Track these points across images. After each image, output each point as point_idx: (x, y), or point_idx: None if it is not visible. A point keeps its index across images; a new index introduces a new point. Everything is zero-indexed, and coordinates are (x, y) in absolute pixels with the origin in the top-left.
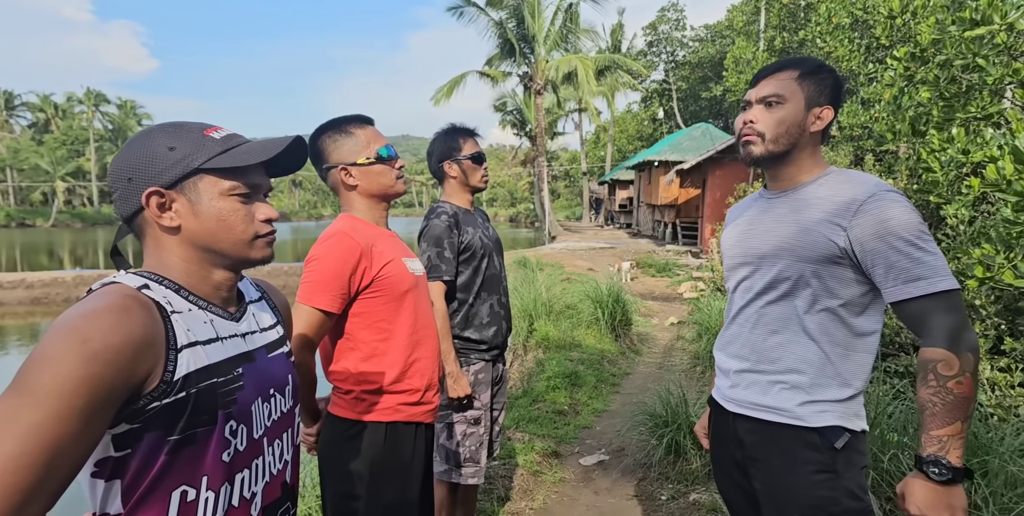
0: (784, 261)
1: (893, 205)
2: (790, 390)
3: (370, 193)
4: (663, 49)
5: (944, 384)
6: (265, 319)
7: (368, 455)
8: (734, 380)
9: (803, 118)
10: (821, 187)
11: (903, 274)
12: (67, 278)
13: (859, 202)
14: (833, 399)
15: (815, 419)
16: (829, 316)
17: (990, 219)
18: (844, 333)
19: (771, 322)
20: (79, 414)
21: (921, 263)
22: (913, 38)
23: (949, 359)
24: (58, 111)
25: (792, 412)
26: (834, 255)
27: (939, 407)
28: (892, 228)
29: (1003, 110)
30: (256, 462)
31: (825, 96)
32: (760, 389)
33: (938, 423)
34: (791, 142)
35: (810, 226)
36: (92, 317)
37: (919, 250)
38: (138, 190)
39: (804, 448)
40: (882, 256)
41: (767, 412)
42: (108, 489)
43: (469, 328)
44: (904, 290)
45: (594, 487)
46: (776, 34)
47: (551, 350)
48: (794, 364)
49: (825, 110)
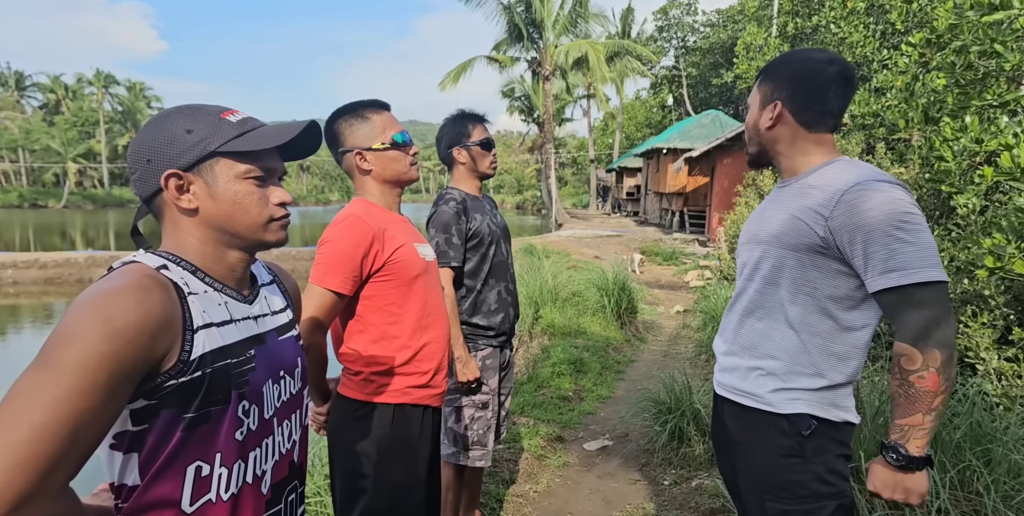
0: (772, 248)
1: (875, 195)
2: (766, 377)
3: (384, 178)
4: (673, 34)
5: (906, 378)
6: (276, 302)
7: (376, 436)
8: (722, 364)
9: (757, 119)
10: (817, 177)
11: (878, 265)
12: (79, 259)
13: (841, 192)
14: (806, 388)
15: (784, 406)
16: (812, 307)
17: (1002, 209)
18: (828, 326)
19: (757, 309)
20: (101, 388)
21: (897, 254)
22: (929, 23)
23: (912, 354)
24: (68, 92)
25: (764, 398)
26: (815, 245)
27: (901, 398)
28: (870, 218)
29: (1020, 97)
30: (266, 441)
31: (778, 91)
32: (740, 374)
33: (900, 413)
34: (758, 142)
35: (796, 214)
36: (114, 295)
37: (897, 241)
38: (157, 172)
39: (774, 432)
40: (860, 246)
41: (745, 397)
42: (126, 462)
43: (477, 314)
44: (878, 281)
45: (597, 472)
46: (789, 19)
47: (557, 337)
48: (772, 351)
49: (773, 106)
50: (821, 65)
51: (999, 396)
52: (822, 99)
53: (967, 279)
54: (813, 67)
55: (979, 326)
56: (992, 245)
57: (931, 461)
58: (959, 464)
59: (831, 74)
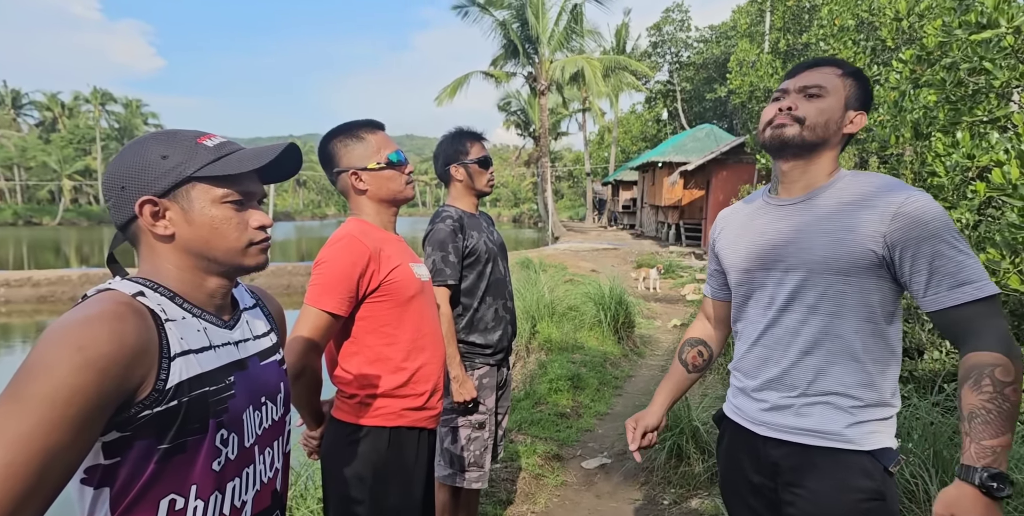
0: (817, 275)
1: (931, 205)
2: (834, 411)
3: (380, 198)
4: (667, 50)
5: (1001, 390)
6: (259, 326)
7: (370, 459)
8: (763, 401)
9: (840, 115)
10: (842, 191)
11: (947, 279)
12: (73, 276)
13: (896, 204)
14: (880, 418)
15: (866, 441)
16: (869, 332)
17: (995, 224)
18: (881, 347)
19: (805, 341)
20: (71, 422)
21: (965, 267)
22: (919, 40)
23: (1007, 364)
24: (65, 110)
25: (840, 435)
26: (872, 265)
27: (994, 415)
28: (935, 230)
29: (1010, 114)
30: (247, 471)
31: (861, 101)
32: (797, 411)
33: (991, 432)
34: (824, 135)
35: (843, 236)
36: (86, 325)
37: (961, 253)
38: (131, 199)
39: (854, 474)
40: (925, 260)
41: (809, 436)
42: (97, 497)
43: (474, 332)
44: (951, 296)
45: (596, 491)
46: (780, 36)
47: (554, 352)
48: (833, 386)
49: (859, 115)
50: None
51: None
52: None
53: None
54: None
55: None
56: (987, 260)
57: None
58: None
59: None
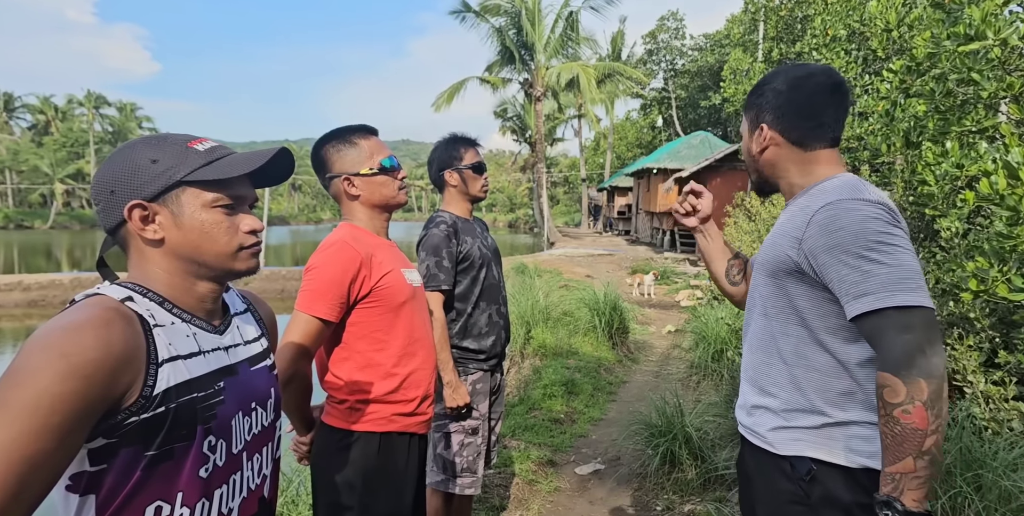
0: (759, 275)
1: (846, 214)
2: (767, 413)
3: (372, 203)
4: (662, 57)
5: (890, 413)
6: (249, 332)
7: (361, 465)
8: (741, 400)
9: (749, 145)
10: (807, 197)
11: (852, 289)
12: (64, 280)
13: (813, 211)
14: (806, 426)
15: (785, 447)
16: (806, 339)
17: (984, 232)
18: (825, 359)
19: (756, 341)
20: (55, 430)
21: (871, 276)
22: (909, 51)
23: (894, 385)
24: (58, 113)
25: (765, 438)
26: (791, 269)
27: (888, 439)
28: (839, 239)
29: (998, 124)
30: (234, 477)
31: (762, 114)
32: (747, 411)
33: (889, 459)
34: (756, 169)
35: (776, 239)
36: (72, 331)
37: (870, 262)
38: (120, 203)
39: (780, 476)
40: (833, 269)
41: (751, 435)
42: (82, 504)
43: (467, 338)
44: (852, 307)
45: (589, 497)
46: (773, 45)
47: (548, 357)
48: (768, 387)
49: (759, 129)
50: (802, 79)
51: (987, 420)
52: (810, 113)
53: (952, 302)
54: (795, 83)
55: (965, 349)
56: (975, 268)
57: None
58: (950, 490)
59: (814, 85)
